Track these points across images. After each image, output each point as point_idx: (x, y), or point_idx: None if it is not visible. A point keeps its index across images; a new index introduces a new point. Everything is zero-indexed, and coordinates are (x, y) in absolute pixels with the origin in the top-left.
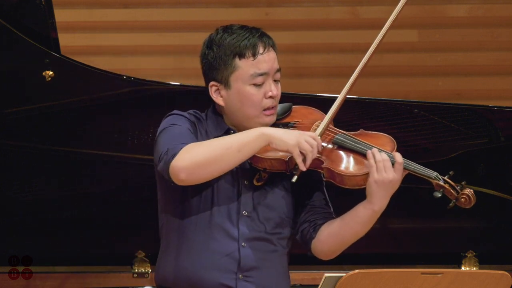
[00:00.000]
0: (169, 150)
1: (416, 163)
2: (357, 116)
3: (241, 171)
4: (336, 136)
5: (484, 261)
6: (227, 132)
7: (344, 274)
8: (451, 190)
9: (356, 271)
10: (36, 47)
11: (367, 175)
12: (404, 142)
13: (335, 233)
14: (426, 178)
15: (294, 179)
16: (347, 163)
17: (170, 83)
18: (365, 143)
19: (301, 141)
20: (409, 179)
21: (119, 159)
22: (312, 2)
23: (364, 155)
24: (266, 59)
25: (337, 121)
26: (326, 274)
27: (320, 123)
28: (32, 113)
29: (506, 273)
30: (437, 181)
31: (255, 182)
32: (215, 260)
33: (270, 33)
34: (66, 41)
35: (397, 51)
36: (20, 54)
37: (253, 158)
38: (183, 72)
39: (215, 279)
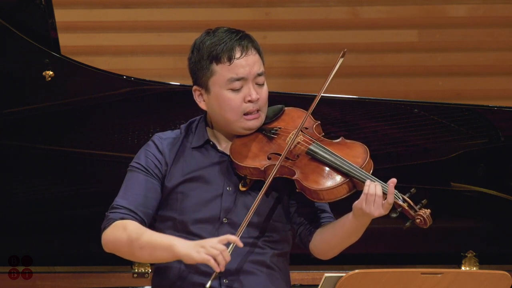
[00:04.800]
0: (107, 216)
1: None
2: (357, 116)
3: (227, 177)
4: (310, 146)
5: (484, 261)
6: (205, 144)
7: (344, 274)
8: (409, 210)
9: (356, 271)
10: (36, 47)
11: (335, 189)
12: (404, 142)
13: (327, 240)
14: None
15: (209, 283)
16: (317, 177)
17: (170, 83)
18: (337, 156)
19: (205, 250)
20: (409, 179)
21: (119, 159)
22: (312, 2)
23: (334, 169)
24: (243, 64)
25: (338, 121)
26: (326, 274)
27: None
28: (32, 113)
29: (506, 273)
30: (396, 200)
31: (240, 188)
32: (197, 266)
33: (270, 33)
34: (66, 41)
35: (397, 51)
36: (20, 54)
37: (235, 165)
38: (183, 72)
39: (199, 283)
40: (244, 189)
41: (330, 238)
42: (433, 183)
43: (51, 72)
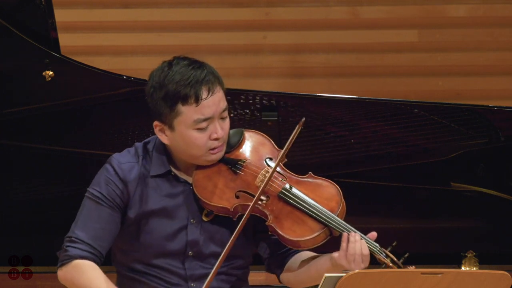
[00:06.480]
0: (66, 250)
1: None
2: (357, 116)
3: (190, 207)
4: (281, 189)
5: (484, 261)
6: (168, 173)
7: (344, 274)
8: (393, 266)
9: (356, 271)
10: (36, 47)
11: (312, 239)
12: (404, 142)
13: (301, 279)
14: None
15: None
16: (292, 225)
17: None
18: (309, 202)
19: None
20: (409, 179)
21: None
22: (312, 2)
23: (310, 217)
24: (210, 104)
25: (337, 120)
26: (326, 274)
27: (266, 171)
28: (32, 113)
29: (506, 273)
30: (379, 256)
31: (204, 218)
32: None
33: (270, 33)
34: (66, 41)
35: (397, 51)
36: (20, 54)
37: (201, 202)
38: None
39: None
40: (207, 219)
41: (304, 278)
42: (433, 183)
43: (51, 72)
